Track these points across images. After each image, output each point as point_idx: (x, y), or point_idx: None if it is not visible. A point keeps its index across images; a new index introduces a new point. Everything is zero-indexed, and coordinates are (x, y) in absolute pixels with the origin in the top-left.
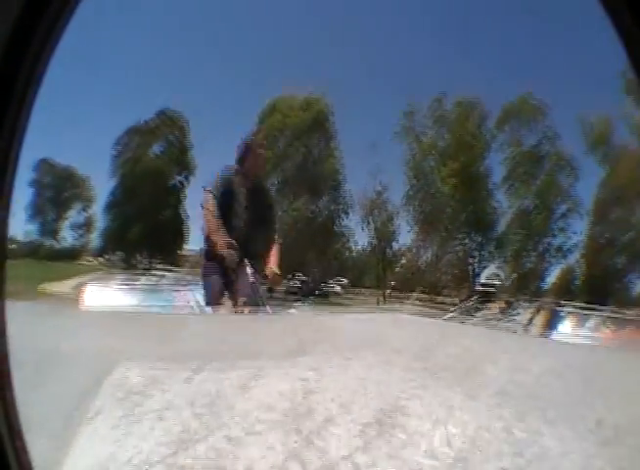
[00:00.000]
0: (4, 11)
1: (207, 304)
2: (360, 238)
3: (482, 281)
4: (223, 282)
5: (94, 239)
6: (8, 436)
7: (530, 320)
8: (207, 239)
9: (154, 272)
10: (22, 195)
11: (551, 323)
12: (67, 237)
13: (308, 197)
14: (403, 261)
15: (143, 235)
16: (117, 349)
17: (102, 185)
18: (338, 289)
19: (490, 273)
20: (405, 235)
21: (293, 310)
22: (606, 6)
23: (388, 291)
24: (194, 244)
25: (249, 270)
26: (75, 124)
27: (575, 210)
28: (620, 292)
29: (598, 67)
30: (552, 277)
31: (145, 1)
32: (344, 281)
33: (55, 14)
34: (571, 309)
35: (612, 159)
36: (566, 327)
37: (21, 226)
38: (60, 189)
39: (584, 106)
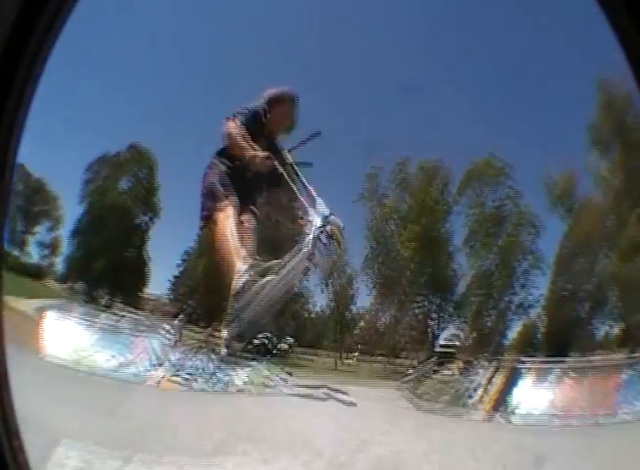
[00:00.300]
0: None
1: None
2: (319, 300)
3: (442, 342)
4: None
5: (58, 262)
6: (5, 436)
7: (490, 380)
8: (232, 141)
9: (114, 311)
10: None
11: (511, 382)
12: (33, 253)
13: (268, 255)
14: (362, 324)
15: (106, 270)
16: (63, 423)
17: (71, 207)
18: (285, 347)
19: (450, 334)
20: (364, 298)
21: (244, 376)
22: (603, 5)
23: (349, 354)
24: (155, 288)
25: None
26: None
27: (537, 265)
28: (584, 340)
29: (564, 121)
30: (513, 333)
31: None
32: (290, 340)
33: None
34: (532, 365)
35: (575, 212)
36: (525, 385)
37: None
38: (31, 201)
39: (549, 161)
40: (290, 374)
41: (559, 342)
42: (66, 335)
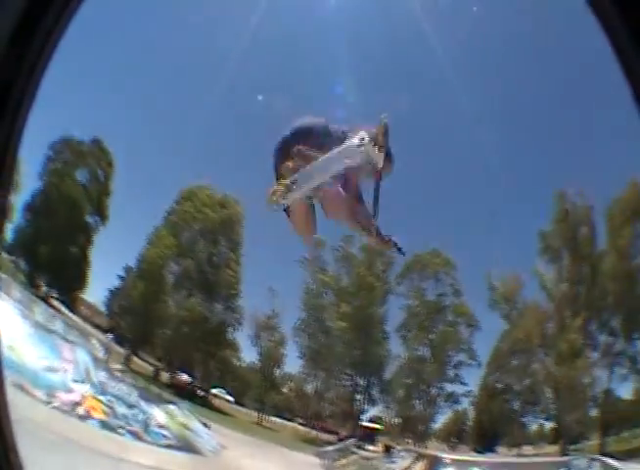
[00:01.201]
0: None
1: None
2: (248, 354)
3: (365, 423)
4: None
5: (8, 228)
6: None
7: (407, 467)
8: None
9: (50, 304)
10: None
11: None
12: None
13: (203, 298)
14: (290, 386)
15: (50, 259)
16: None
17: (29, 177)
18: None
19: (374, 416)
20: (294, 362)
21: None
22: (604, 25)
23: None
24: (91, 294)
25: None
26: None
27: (471, 360)
28: (513, 435)
29: (516, 225)
30: (440, 423)
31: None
32: (228, 396)
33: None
34: (456, 456)
35: (516, 313)
36: None
37: None
38: None
39: (496, 263)
40: (207, 425)
41: (488, 435)
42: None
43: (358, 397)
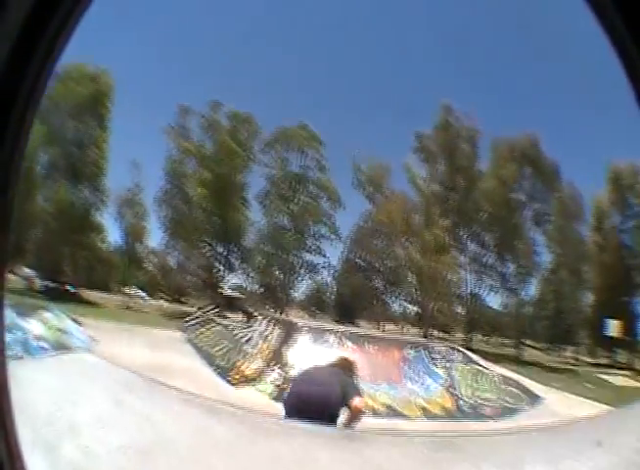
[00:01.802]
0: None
1: None
2: (114, 235)
3: (225, 291)
4: None
5: None
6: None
7: (265, 333)
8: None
9: None
10: None
11: (290, 337)
12: None
13: (70, 184)
14: (153, 262)
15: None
16: None
17: None
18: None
19: (234, 284)
20: (157, 235)
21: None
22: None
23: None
24: None
25: None
26: None
27: (332, 234)
28: (374, 311)
29: (397, 122)
30: (301, 292)
31: None
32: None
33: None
34: (313, 325)
35: (381, 197)
36: (305, 342)
37: None
38: None
39: (367, 148)
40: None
41: (348, 307)
42: None
43: (218, 270)
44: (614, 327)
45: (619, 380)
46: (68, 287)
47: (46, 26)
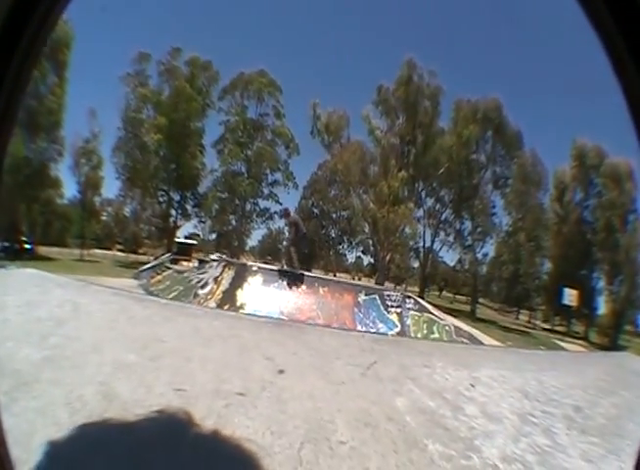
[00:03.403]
0: None
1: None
2: (70, 188)
3: (180, 239)
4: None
5: None
6: None
7: (219, 275)
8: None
9: None
10: None
11: (238, 278)
12: None
13: (26, 137)
14: (109, 211)
15: None
16: None
17: None
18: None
19: (190, 231)
20: (113, 185)
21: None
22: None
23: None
24: None
25: None
26: None
27: (287, 181)
28: (331, 258)
29: (358, 74)
30: (255, 240)
31: None
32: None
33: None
34: (265, 267)
35: (338, 146)
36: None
37: None
38: None
39: (325, 97)
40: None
41: (302, 255)
42: None
43: (172, 217)
44: (571, 296)
45: (574, 348)
46: (26, 245)
47: None
